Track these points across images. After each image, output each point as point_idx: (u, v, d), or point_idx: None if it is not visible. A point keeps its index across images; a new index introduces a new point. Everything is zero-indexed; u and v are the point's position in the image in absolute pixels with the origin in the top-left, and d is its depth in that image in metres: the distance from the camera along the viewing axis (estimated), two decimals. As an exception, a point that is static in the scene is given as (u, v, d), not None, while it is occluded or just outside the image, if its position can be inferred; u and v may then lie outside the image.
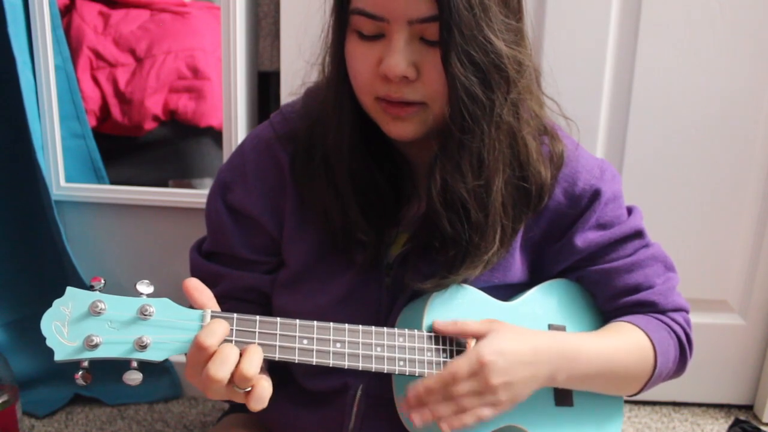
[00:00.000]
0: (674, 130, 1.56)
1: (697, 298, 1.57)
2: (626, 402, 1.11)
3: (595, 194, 1.04)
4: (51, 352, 0.79)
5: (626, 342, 1.03)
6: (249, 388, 0.82)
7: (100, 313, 0.80)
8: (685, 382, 1.20)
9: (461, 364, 0.90)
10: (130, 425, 1.65)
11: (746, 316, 1.70)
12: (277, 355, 0.87)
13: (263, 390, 0.83)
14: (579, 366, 0.98)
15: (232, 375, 0.81)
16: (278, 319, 0.88)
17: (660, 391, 1.11)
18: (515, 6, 0.92)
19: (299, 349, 0.88)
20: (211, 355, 0.81)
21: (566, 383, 0.99)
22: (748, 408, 1.77)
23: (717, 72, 1.52)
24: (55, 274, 1.68)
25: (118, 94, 1.72)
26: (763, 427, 1.62)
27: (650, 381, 1.06)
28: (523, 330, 0.97)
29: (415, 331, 0.96)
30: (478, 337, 0.94)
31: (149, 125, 1.73)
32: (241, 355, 0.82)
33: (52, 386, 1.68)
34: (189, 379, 0.84)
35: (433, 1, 0.85)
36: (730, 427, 1.56)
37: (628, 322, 1.05)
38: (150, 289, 0.83)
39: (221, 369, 0.80)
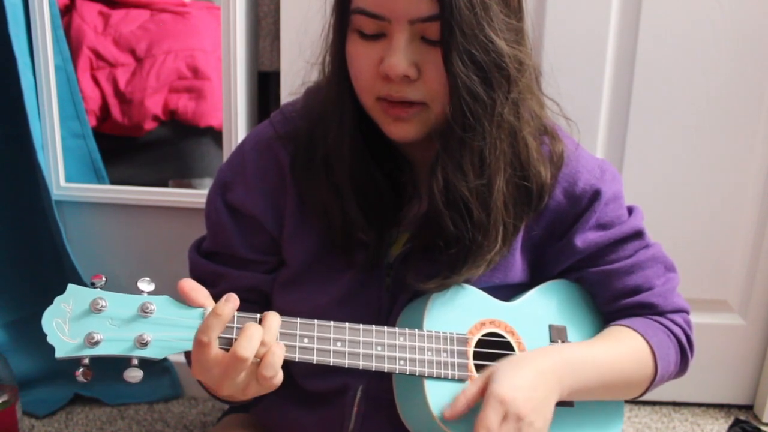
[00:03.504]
0: (674, 130, 1.56)
1: (697, 298, 1.57)
2: (626, 402, 1.11)
3: (596, 194, 1.04)
4: (51, 351, 0.78)
5: (626, 349, 1.03)
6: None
7: (101, 310, 0.80)
8: (685, 382, 1.20)
9: (488, 414, 0.89)
10: (130, 425, 1.65)
11: (746, 316, 1.70)
12: (278, 353, 0.87)
13: (274, 356, 0.82)
14: (580, 378, 0.98)
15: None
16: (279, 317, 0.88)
17: (660, 391, 1.11)
18: (516, 5, 0.93)
19: (300, 347, 0.88)
20: (212, 351, 0.81)
21: (570, 396, 0.98)
22: (748, 408, 1.77)
23: (717, 72, 1.52)
24: (55, 274, 1.68)
25: (118, 94, 1.72)
26: (763, 427, 1.62)
27: (651, 385, 1.06)
28: (518, 359, 0.96)
29: (416, 330, 0.96)
30: (485, 387, 0.92)
31: (149, 125, 1.73)
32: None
33: (52, 386, 1.68)
34: (197, 376, 0.84)
35: (434, 0, 0.85)
36: (730, 427, 1.57)
37: (627, 326, 1.05)
38: (151, 287, 0.83)
39: (248, 346, 0.80)
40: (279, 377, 0.83)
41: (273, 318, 0.85)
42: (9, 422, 1.51)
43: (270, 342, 0.83)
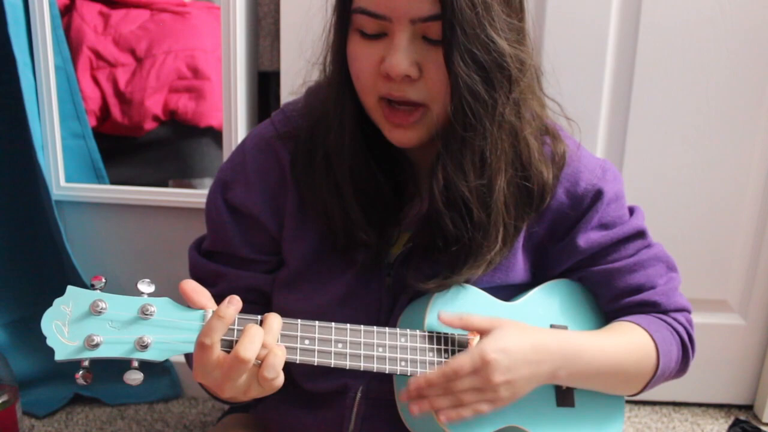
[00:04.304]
0: (674, 130, 1.57)
1: (697, 298, 1.57)
2: (626, 402, 1.11)
3: (598, 194, 1.04)
4: (51, 351, 0.78)
5: (629, 341, 1.03)
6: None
7: (101, 312, 0.79)
8: (685, 382, 1.20)
9: (464, 360, 0.90)
10: (130, 425, 1.65)
11: (746, 316, 1.70)
12: (278, 355, 0.86)
13: (275, 358, 0.82)
14: (581, 364, 0.98)
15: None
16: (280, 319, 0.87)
17: (660, 391, 1.11)
18: (517, 5, 0.92)
19: (301, 349, 0.88)
20: (215, 354, 0.80)
21: (568, 381, 0.99)
22: (748, 408, 1.77)
23: (717, 72, 1.52)
24: (55, 274, 1.68)
25: (118, 94, 1.71)
26: (763, 427, 1.62)
27: (652, 380, 1.06)
28: (526, 327, 0.97)
29: (417, 331, 0.96)
30: (482, 333, 0.94)
31: (149, 125, 1.72)
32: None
33: (52, 386, 1.68)
34: (199, 380, 0.84)
35: (435, 0, 0.85)
36: (730, 427, 1.56)
37: (630, 321, 1.05)
38: (151, 289, 0.82)
39: (250, 348, 0.80)
40: (280, 379, 0.83)
41: (274, 319, 0.85)
42: (9, 422, 1.50)
43: (271, 344, 0.83)
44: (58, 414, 1.67)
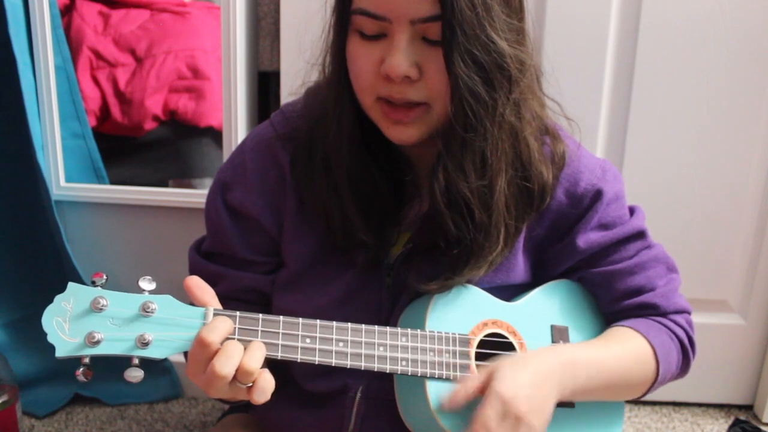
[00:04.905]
0: (674, 130, 1.57)
1: (697, 298, 1.57)
2: (626, 402, 1.11)
3: (597, 194, 1.04)
4: (51, 351, 0.78)
5: (628, 350, 1.02)
6: (251, 384, 0.82)
7: (102, 309, 0.79)
8: (685, 382, 1.20)
9: (487, 412, 0.88)
10: (130, 425, 1.65)
11: (746, 316, 1.70)
12: (279, 354, 0.86)
13: (265, 382, 0.82)
14: (581, 379, 0.97)
15: (235, 371, 0.81)
16: (281, 317, 0.88)
17: (660, 391, 1.11)
18: (517, 5, 0.92)
19: (302, 348, 0.88)
20: (213, 352, 0.81)
21: (571, 396, 0.98)
22: (748, 408, 1.77)
23: (717, 72, 1.52)
24: (55, 274, 1.68)
25: (118, 94, 1.72)
26: (763, 427, 1.62)
27: (653, 386, 1.06)
28: (520, 357, 0.95)
29: (418, 330, 0.95)
30: (485, 383, 0.92)
31: (149, 125, 1.73)
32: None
33: (52, 386, 1.68)
34: (191, 377, 0.84)
35: (435, 0, 0.85)
36: (730, 427, 1.56)
37: (629, 327, 1.05)
38: (152, 286, 0.82)
39: (226, 365, 0.80)
40: (269, 393, 0.83)
41: (256, 347, 0.84)
42: (9, 422, 1.50)
43: (255, 370, 0.82)
44: (58, 414, 1.67)
